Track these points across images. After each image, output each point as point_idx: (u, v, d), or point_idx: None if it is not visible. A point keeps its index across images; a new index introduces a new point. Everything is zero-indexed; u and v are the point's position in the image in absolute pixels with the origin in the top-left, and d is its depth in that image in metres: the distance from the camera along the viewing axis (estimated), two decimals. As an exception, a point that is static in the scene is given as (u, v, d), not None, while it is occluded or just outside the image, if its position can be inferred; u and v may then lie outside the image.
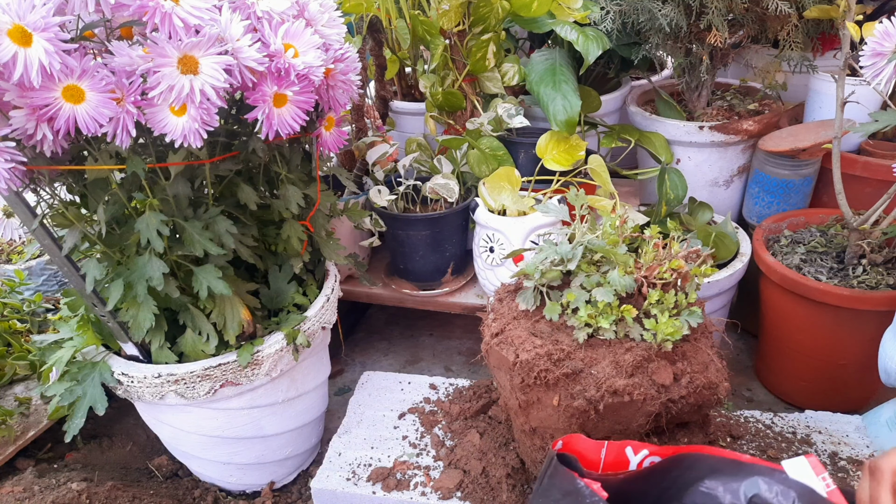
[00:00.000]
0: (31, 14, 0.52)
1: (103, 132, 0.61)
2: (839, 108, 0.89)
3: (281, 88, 0.68)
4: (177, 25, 0.57)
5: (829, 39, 1.30)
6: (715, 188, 1.32)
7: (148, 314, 0.74)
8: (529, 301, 0.76)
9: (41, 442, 1.00)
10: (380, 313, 1.50)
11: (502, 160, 1.14)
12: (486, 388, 0.98)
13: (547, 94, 1.11)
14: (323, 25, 0.73)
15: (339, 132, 0.85)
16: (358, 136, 1.26)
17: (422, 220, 1.11)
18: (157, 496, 0.92)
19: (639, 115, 1.32)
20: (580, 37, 1.09)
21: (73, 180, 0.72)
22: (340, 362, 1.32)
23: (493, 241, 1.04)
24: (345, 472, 0.86)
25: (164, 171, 0.72)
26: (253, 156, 0.78)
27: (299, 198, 0.83)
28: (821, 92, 1.23)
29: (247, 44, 0.62)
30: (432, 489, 0.82)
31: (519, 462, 0.85)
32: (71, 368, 0.78)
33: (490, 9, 1.10)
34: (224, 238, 0.75)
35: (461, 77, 1.18)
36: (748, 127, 1.22)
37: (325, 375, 0.98)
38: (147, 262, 0.72)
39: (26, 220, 0.68)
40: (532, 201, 1.04)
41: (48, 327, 1.12)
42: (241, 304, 0.81)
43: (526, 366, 0.68)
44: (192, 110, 0.61)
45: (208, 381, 0.78)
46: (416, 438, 0.91)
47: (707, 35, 1.12)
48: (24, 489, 0.87)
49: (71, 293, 0.86)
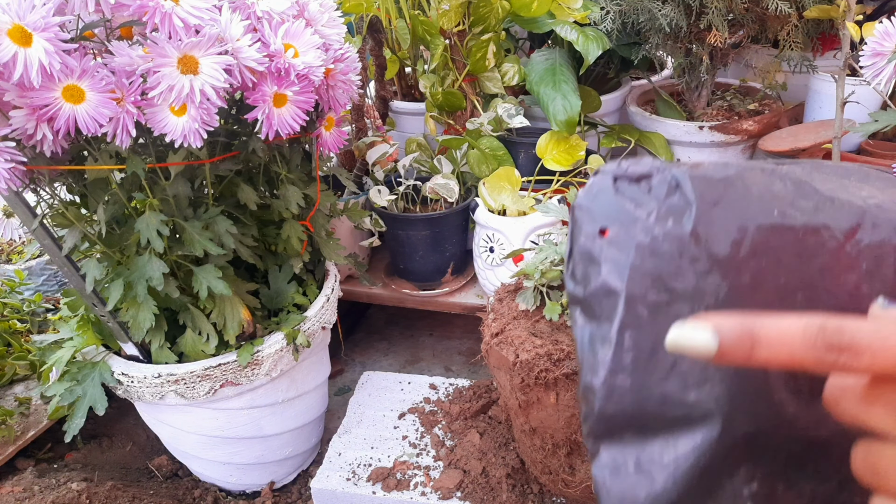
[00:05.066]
0: (31, 14, 0.52)
1: (103, 132, 0.61)
2: (839, 108, 0.89)
3: (281, 88, 0.68)
4: (177, 25, 0.57)
5: (829, 39, 1.30)
6: (715, 188, 1.31)
7: (148, 314, 0.74)
8: (529, 301, 0.76)
9: (41, 442, 1.00)
10: (380, 313, 1.50)
11: (502, 160, 1.14)
12: (486, 388, 0.98)
13: (547, 94, 1.11)
14: (323, 25, 0.73)
15: (339, 132, 0.85)
16: (358, 136, 1.26)
17: (422, 220, 1.11)
18: (157, 496, 0.92)
19: (639, 115, 1.32)
20: (580, 37, 1.09)
21: (73, 180, 0.72)
22: (340, 362, 1.32)
23: (493, 241, 1.04)
24: (345, 472, 0.86)
25: (164, 171, 0.72)
26: (253, 156, 0.78)
27: (299, 198, 0.83)
28: (821, 92, 1.23)
29: (247, 44, 0.62)
30: (432, 489, 0.82)
31: (519, 462, 0.85)
32: (71, 368, 0.78)
33: (490, 9, 1.10)
34: (224, 238, 0.75)
35: (461, 77, 1.18)
36: (748, 127, 1.22)
37: (325, 375, 0.98)
38: (147, 262, 0.72)
39: (26, 220, 0.68)
40: (532, 201, 1.04)
41: (48, 327, 1.12)
42: (241, 304, 0.81)
43: (526, 366, 0.68)
44: (192, 110, 0.61)
45: (208, 381, 0.78)
46: (416, 438, 0.91)
47: (707, 35, 1.12)
48: (24, 489, 0.87)
49: (71, 293, 0.86)
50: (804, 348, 0.21)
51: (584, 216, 0.28)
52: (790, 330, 0.22)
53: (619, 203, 0.27)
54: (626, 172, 0.28)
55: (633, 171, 0.28)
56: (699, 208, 0.26)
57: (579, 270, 0.28)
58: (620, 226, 0.27)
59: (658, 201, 0.26)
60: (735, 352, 0.22)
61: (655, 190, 0.27)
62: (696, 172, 0.27)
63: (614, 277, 0.26)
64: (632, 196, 0.27)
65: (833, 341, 0.21)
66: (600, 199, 0.28)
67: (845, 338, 0.21)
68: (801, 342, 0.21)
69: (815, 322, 0.21)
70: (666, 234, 0.26)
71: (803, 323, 0.22)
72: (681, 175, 0.26)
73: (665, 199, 0.26)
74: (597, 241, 0.27)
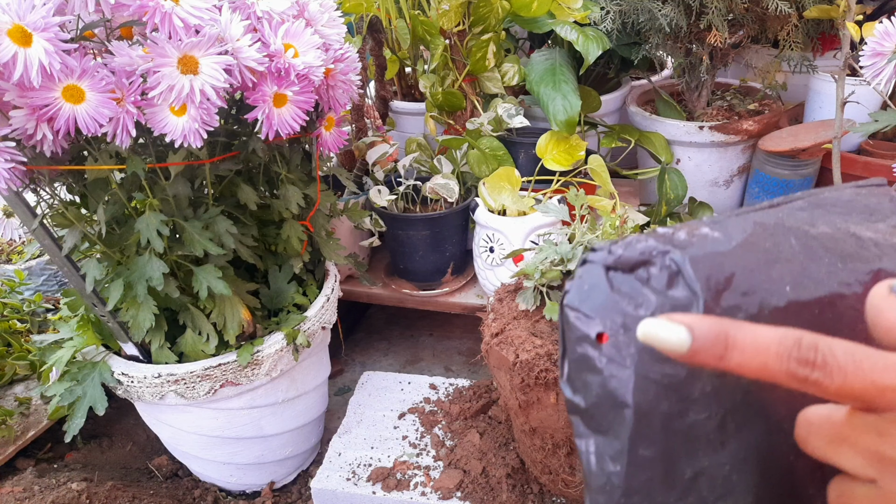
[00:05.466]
0: (31, 14, 0.52)
1: (103, 132, 0.61)
2: (839, 108, 0.89)
3: (281, 88, 0.68)
4: (177, 25, 0.57)
5: (829, 39, 1.30)
6: (715, 188, 1.32)
7: (148, 314, 0.74)
8: (529, 301, 0.76)
9: (41, 442, 1.00)
10: (380, 313, 1.50)
11: (502, 160, 1.14)
12: (486, 388, 0.98)
13: (547, 94, 1.11)
14: (323, 25, 0.73)
15: (339, 132, 0.85)
16: (358, 136, 1.26)
17: (422, 220, 1.11)
18: (157, 496, 0.92)
19: (639, 115, 1.32)
20: (580, 37, 1.09)
21: (73, 180, 0.72)
22: (340, 362, 1.32)
23: (493, 241, 1.04)
24: (345, 472, 0.86)
25: (164, 171, 0.72)
26: (253, 156, 0.78)
27: (299, 198, 0.83)
28: (821, 92, 1.23)
29: (247, 44, 0.62)
30: (432, 489, 0.82)
31: (519, 462, 0.85)
32: (71, 368, 0.78)
33: (490, 9, 1.10)
34: (224, 238, 0.75)
35: (461, 77, 1.18)
36: (748, 127, 1.22)
37: (325, 375, 0.98)
38: (147, 262, 0.72)
39: (26, 220, 0.68)
40: (532, 201, 1.04)
41: (48, 327, 1.12)
42: (241, 304, 0.81)
43: (526, 366, 0.68)
44: (192, 110, 0.61)
45: (208, 381, 0.78)
46: (416, 438, 0.91)
47: (707, 35, 1.12)
48: (24, 489, 0.87)
49: (71, 293, 0.86)
50: (778, 359, 0.21)
51: (576, 318, 0.25)
52: (766, 338, 0.21)
53: (614, 301, 0.24)
54: (620, 261, 0.24)
55: (627, 258, 0.24)
56: (706, 301, 0.23)
57: (577, 378, 0.25)
58: (620, 329, 0.24)
59: (659, 295, 0.24)
60: (707, 352, 0.21)
61: (654, 280, 0.24)
62: (695, 252, 0.24)
63: (620, 388, 0.23)
64: (629, 291, 0.24)
65: (807, 356, 0.20)
66: (593, 297, 0.24)
67: (819, 354, 0.20)
68: (775, 352, 0.21)
69: (792, 334, 0.21)
70: None
71: (780, 333, 0.21)
72: (680, 259, 0.23)
73: (667, 292, 0.24)
74: (594, 348, 0.24)
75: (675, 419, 0.23)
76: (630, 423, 0.23)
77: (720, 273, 0.23)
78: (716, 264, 0.23)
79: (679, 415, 0.23)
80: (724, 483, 0.23)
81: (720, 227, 0.25)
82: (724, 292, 0.23)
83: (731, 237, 0.24)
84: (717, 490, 0.23)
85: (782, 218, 0.26)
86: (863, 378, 0.20)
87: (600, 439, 0.24)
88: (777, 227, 0.25)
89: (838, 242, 0.25)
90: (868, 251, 0.25)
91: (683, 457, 0.23)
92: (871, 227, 0.26)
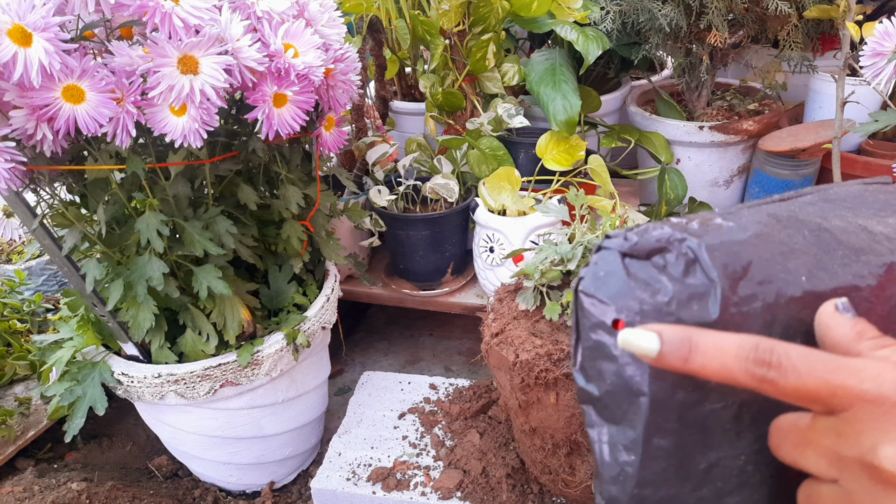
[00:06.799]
0: (31, 14, 0.52)
1: (103, 132, 0.61)
2: (839, 108, 0.89)
3: (281, 88, 0.68)
4: (177, 25, 0.57)
5: (829, 39, 1.30)
6: (715, 188, 1.32)
7: (148, 314, 0.74)
8: (529, 301, 0.76)
9: (41, 442, 1.00)
10: (380, 313, 1.50)
11: (502, 160, 1.14)
12: (486, 388, 0.98)
13: (547, 94, 1.11)
14: (323, 25, 0.73)
15: (339, 132, 0.85)
16: (358, 136, 1.26)
17: (422, 220, 1.11)
18: (157, 496, 0.92)
19: (639, 115, 1.32)
20: (580, 37, 1.09)
21: (73, 180, 0.72)
22: (340, 362, 1.32)
23: (493, 241, 1.04)
24: (345, 472, 0.86)
25: (164, 171, 0.72)
26: (253, 156, 0.78)
27: (299, 198, 0.83)
28: (821, 92, 1.23)
29: (247, 44, 0.62)
30: (432, 489, 0.82)
31: (519, 462, 0.85)
32: (71, 368, 0.78)
33: (490, 9, 1.10)
34: (224, 238, 0.75)
35: (461, 77, 1.18)
36: (748, 127, 1.22)
37: (325, 375, 0.98)
38: (147, 262, 0.72)
39: (26, 220, 0.68)
40: (532, 201, 1.04)
41: (48, 327, 1.12)
42: (241, 304, 0.81)
43: (526, 366, 0.68)
44: (192, 110, 0.61)
45: (208, 381, 0.78)
46: (416, 438, 0.91)
47: (707, 35, 1.12)
48: (24, 489, 0.87)
49: (71, 293, 0.86)
50: (737, 360, 0.22)
51: (591, 304, 0.24)
52: (726, 343, 0.22)
53: (631, 288, 0.24)
54: (636, 248, 0.24)
55: (643, 245, 0.24)
56: (724, 289, 0.23)
57: (591, 366, 0.24)
58: (636, 316, 0.23)
59: (676, 283, 0.23)
60: (673, 355, 0.22)
61: (671, 268, 0.24)
62: (711, 240, 0.24)
63: (636, 376, 0.23)
64: (646, 278, 0.24)
65: (763, 357, 0.22)
66: (609, 284, 0.24)
67: (775, 356, 0.22)
68: (734, 354, 0.22)
69: (750, 339, 0.22)
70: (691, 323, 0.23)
71: (740, 338, 0.22)
72: (696, 247, 0.23)
73: (684, 279, 0.23)
74: (610, 335, 0.24)
75: (691, 408, 0.23)
76: (645, 412, 0.23)
77: (737, 262, 0.23)
78: (732, 253, 0.23)
79: (695, 404, 0.23)
80: (739, 474, 0.23)
81: (733, 217, 0.25)
82: (742, 280, 0.23)
83: (746, 228, 0.24)
84: (732, 481, 0.23)
85: (795, 211, 0.26)
86: (816, 378, 0.21)
87: (614, 429, 0.23)
88: (790, 219, 0.25)
89: (851, 236, 0.25)
90: (881, 245, 0.25)
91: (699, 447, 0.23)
92: (882, 222, 0.26)
